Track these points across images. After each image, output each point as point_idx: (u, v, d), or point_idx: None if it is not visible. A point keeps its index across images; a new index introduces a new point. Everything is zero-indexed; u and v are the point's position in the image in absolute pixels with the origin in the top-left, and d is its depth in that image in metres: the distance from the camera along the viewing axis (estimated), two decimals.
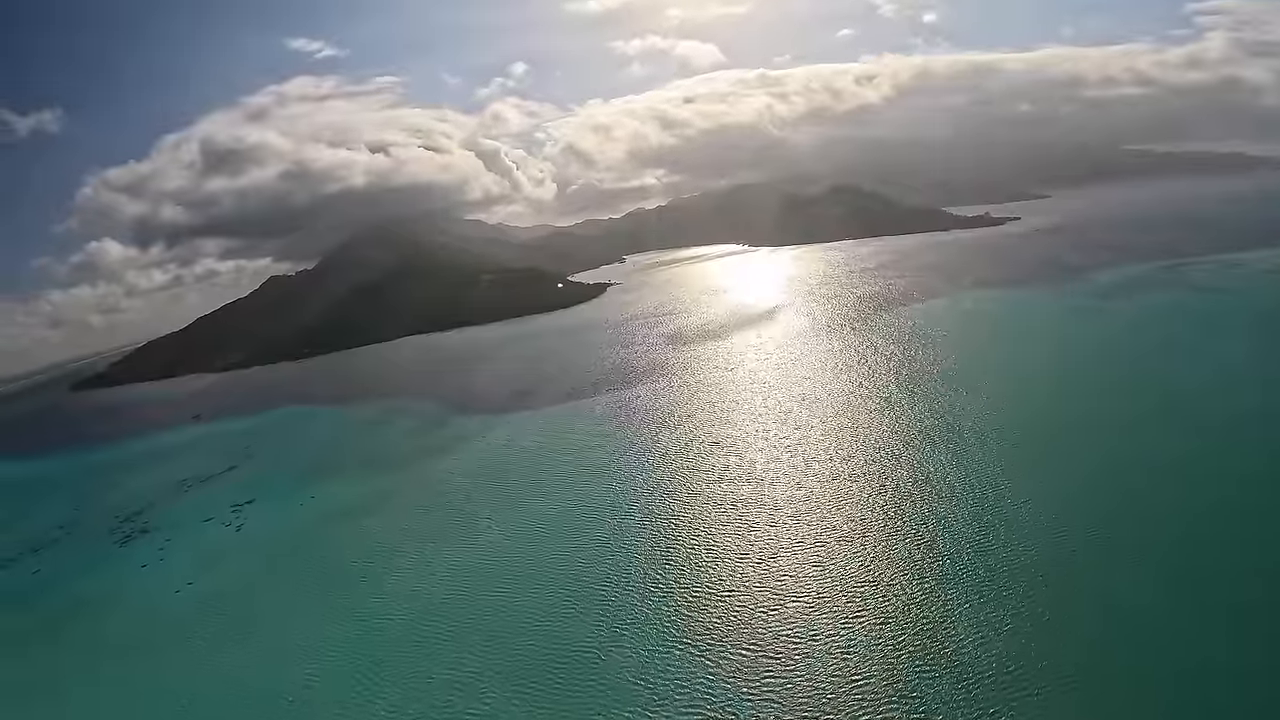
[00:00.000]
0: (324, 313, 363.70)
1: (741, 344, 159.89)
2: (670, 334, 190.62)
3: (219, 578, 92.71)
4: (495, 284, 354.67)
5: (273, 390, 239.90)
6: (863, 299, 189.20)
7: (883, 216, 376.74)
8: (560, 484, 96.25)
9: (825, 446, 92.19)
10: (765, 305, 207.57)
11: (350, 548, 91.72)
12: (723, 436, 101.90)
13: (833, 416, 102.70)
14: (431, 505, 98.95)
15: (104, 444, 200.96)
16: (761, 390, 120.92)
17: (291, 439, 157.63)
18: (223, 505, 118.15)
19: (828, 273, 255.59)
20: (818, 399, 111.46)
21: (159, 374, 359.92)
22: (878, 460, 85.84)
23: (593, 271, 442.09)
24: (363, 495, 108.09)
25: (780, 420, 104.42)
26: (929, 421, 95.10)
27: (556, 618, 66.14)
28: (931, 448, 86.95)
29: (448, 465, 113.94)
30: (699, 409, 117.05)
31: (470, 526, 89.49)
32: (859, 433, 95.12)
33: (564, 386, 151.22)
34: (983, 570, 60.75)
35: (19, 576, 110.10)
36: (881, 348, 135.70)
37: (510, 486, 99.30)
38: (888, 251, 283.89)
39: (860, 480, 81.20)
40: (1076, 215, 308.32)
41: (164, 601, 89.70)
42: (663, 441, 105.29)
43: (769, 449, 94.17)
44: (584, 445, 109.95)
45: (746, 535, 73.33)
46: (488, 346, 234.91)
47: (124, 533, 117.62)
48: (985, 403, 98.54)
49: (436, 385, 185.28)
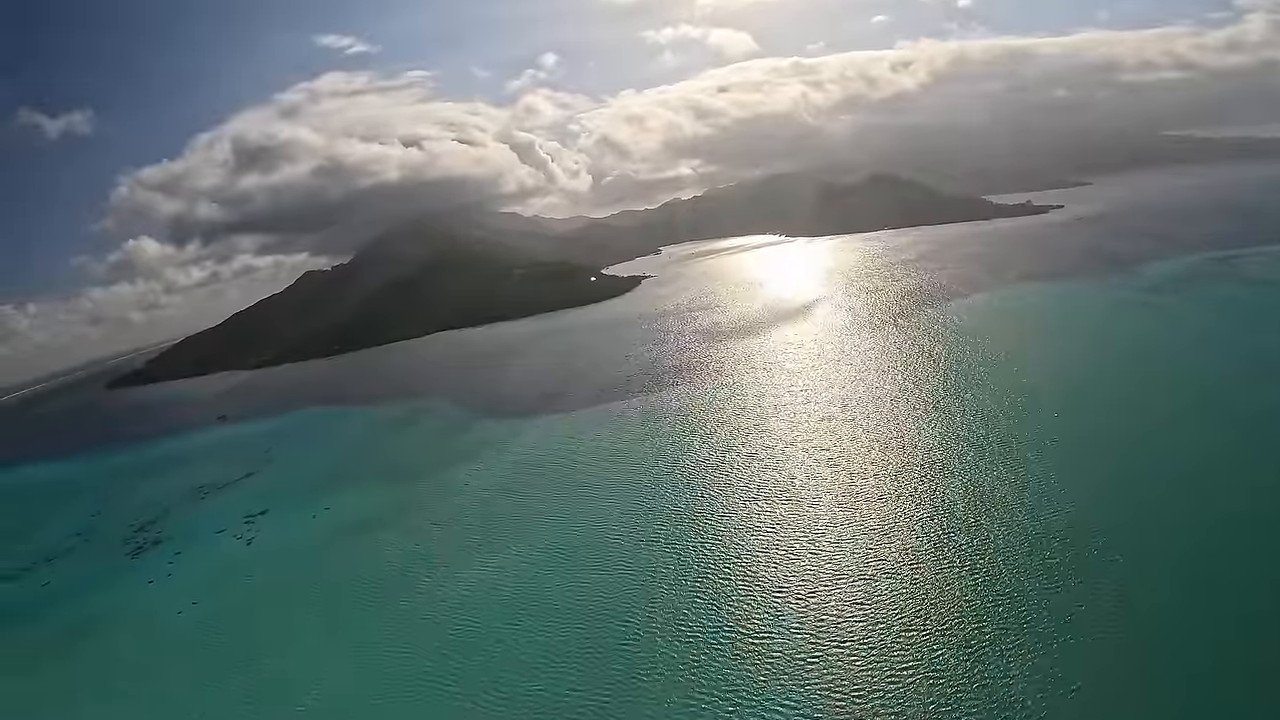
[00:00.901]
0: (356, 308, 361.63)
1: (779, 341, 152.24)
2: (705, 330, 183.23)
3: (223, 597, 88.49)
4: (527, 278, 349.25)
5: (299, 389, 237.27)
6: (904, 293, 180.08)
7: (922, 205, 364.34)
8: (583, 501, 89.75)
9: (870, 461, 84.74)
10: (803, 299, 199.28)
11: (360, 568, 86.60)
12: (759, 447, 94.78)
13: (877, 425, 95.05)
14: (448, 521, 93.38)
15: (131, 445, 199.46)
16: (801, 394, 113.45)
17: (312, 443, 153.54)
18: (236, 516, 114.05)
19: (866, 264, 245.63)
20: (860, 404, 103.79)
21: (192, 371, 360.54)
22: (927, 477, 78.25)
23: (628, 264, 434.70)
24: (378, 508, 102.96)
25: (821, 429, 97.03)
26: (981, 431, 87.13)
27: (569, 657, 60.20)
28: (985, 462, 79.27)
29: (468, 476, 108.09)
30: (734, 415, 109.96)
31: (486, 547, 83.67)
32: (906, 444, 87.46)
33: (593, 387, 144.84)
34: (1049, 612, 53.16)
35: (28, 589, 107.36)
36: (926, 346, 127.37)
37: (530, 503, 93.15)
38: (927, 241, 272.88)
39: (908, 501, 73.72)
40: (1118, 203, 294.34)
41: (165, 623, 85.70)
42: (695, 452, 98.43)
43: (809, 463, 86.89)
44: (611, 455, 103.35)
45: (784, 565, 66.36)
46: (518, 343, 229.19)
47: (137, 543, 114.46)
48: (1039, 410, 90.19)
49: (463, 385, 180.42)
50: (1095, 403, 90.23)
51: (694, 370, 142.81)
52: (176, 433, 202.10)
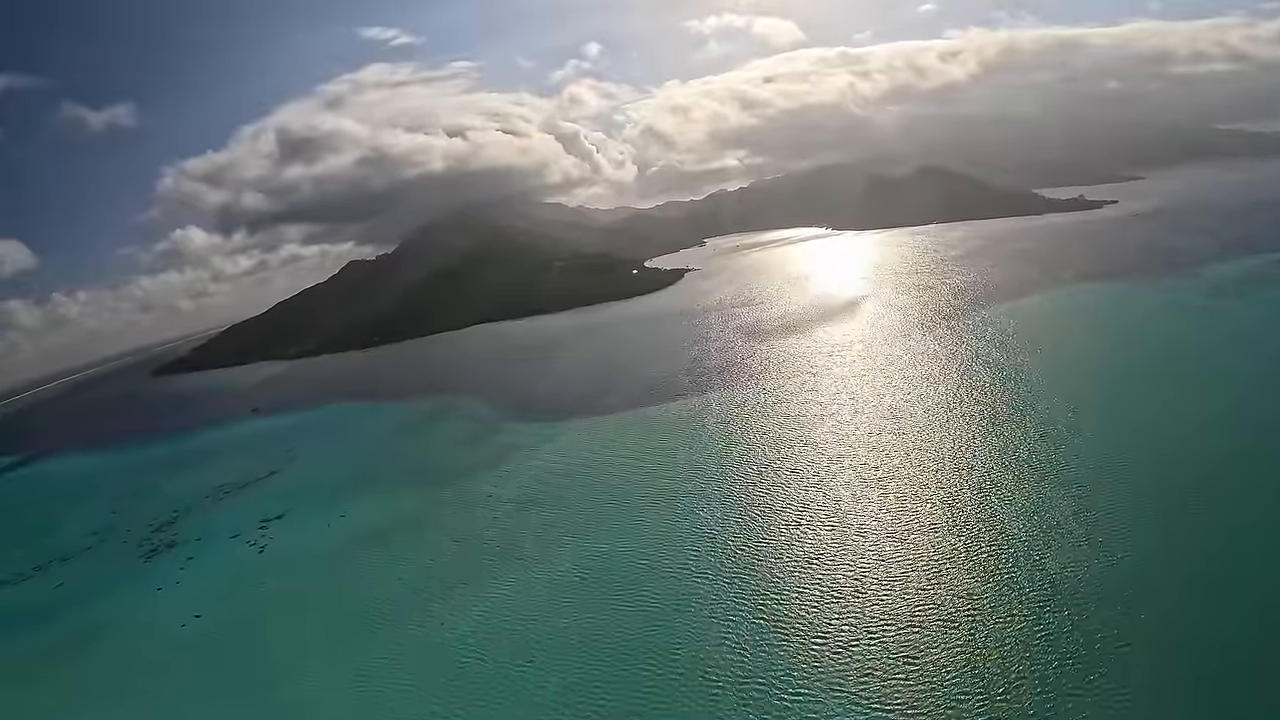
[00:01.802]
0: (397, 299, 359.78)
1: (825, 342, 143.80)
2: (748, 327, 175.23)
3: (229, 611, 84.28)
4: (568, 270, 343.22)
5: (334, 382, 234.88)
6: (956, 291, 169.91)
7: (972, 199, 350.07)
8: (610, 519, 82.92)
9: (921, 483, 76.61)
10: (850, 295, 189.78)
11: (370, 585, 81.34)
12: (802, 463, 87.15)
13: (929, 441, 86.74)
14: (467, 536, 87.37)
15: (164, 437, 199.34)
16: (848, 402, 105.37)
17: (337, 441, 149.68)
18: (252, 519, 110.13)
19: (916, 259, 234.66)
20: (911, 416, 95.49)
21: (234, 360, 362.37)
22: (984, 505, 69.94)
23: (672, 255, 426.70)
24: (395, 518, 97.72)
25: (869, 444, 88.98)
26: (1043, 452, 78.24)
27: (578, 703, 53.90)
28: (1048, 488, 70.66)
29: (493, 484, 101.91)
30: (776, 425, 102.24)
31: (503, 569, 77.46)
32: (961, 465, 79.14)
33: (629, 388, 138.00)
34: (1133, 673, 45.23)
35: (40, 591, 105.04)
36: (981, 352, 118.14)
37: (555, 518, 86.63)
38: (978, 236, 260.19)
39: (964, 534, 65.58)
40: (1173, 199, 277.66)
41: (168, 636, 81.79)
42: (733, 465, 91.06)
43: (856, 482, 79.16)
44: (643, 467, 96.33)
45: (825, 605, 59.02)
46: (556, 338, 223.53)
47: (151, 545, 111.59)
48: (1106, 428, 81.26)
49: (497, 381, 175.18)
50: (1164, 422, 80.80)
51: (735, 372, 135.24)
52: (210, 425, 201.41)
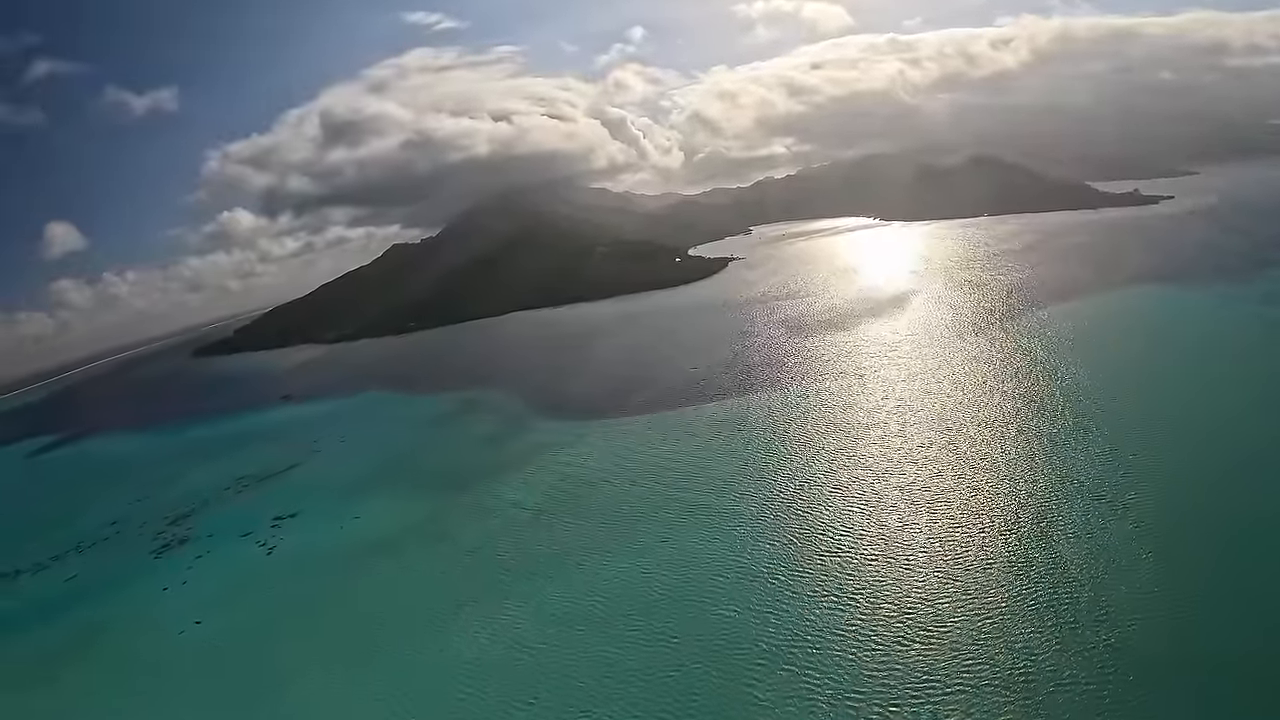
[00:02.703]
0: (437, 284, 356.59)
1: (873, 340, 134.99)
2: (792, 322, 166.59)
3: (229, 619, 79.63)
4: (610, 257, 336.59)
5: (367, 368, 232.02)
6: (1010, 289, 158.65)
7: (1025, 191, 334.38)
8: (632, 537, 75.93)
9: (975, 509, 68.24)
10: (898, 289, 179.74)
11: (374, 600, 76.24)
12: (846, 479, 79.25)
13: (984, 459, 78.01)
14: (482, 546, 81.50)
15: (197, 421, 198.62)
16: (896, 410, 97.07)
17: (361, 434, 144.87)
18: (266, 516, 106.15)
19: (967, 253, 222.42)
20: (964, 429, 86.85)
21: (274, 342, 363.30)
22: (1048, 540, 61.31)
23: (717, 243, 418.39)
24: (409, 522, 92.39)
25: (918, 458, 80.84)
26: (1108, 480, 68.86)
27: None
28: (1118, 521, 62.12)
29: (514, 489, 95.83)
30: (819, 433, 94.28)
31: (514, 588, 71.29)
32: (1019, 491, 70.42)
33: (664, 386, 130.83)
34: None
35: (52, 583, 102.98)
36: (1039, 358, 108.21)
37: (574, 531, 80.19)
38: (1032, 230, 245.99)
39: (1024, 575, 57.30)
40: (1230, 196, 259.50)
41: (165, 643, 77.81)
42: (771, 478, 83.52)
43: (904, 505, 71.26)
44: (673, 476, 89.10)
45: (865, 659, 51.67)
46: (595, 327, 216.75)
47: (164, 540, 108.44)
48: (1178, 458, 71.29)
49: (530, 373, 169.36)
50: (1237, 443, 71.73)
51: (777, 371, 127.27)
52: (243, 410, 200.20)
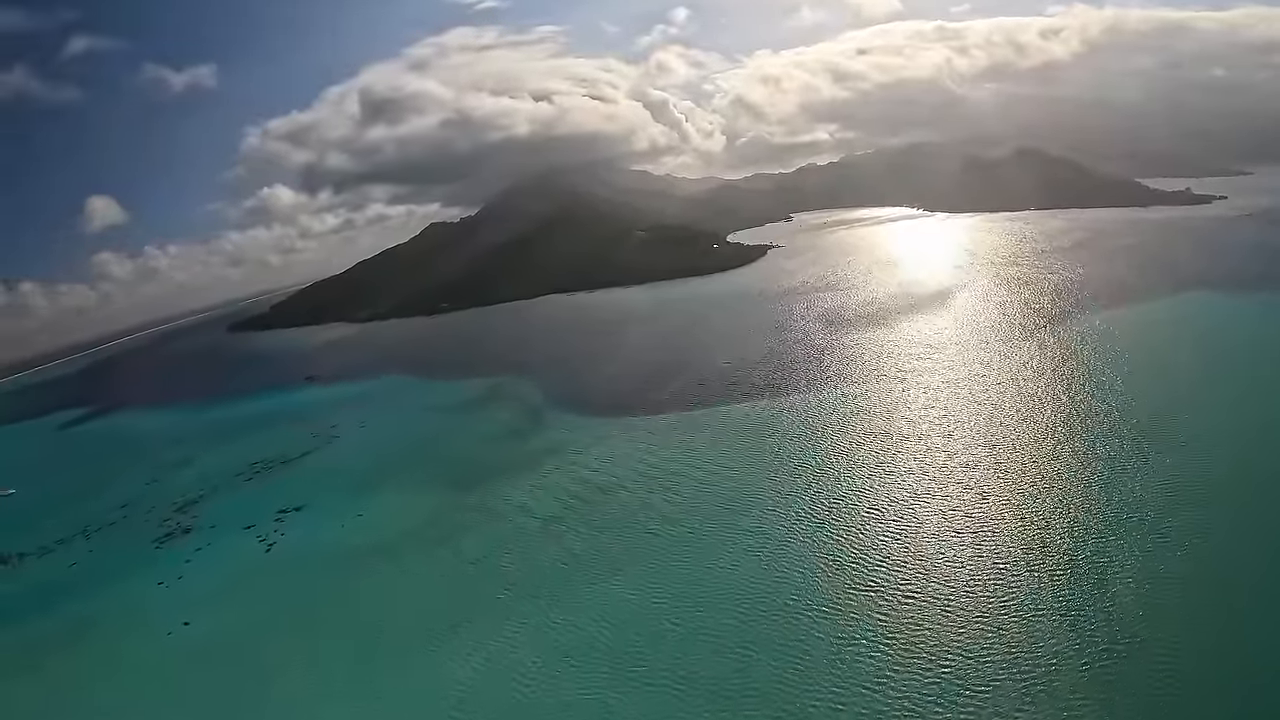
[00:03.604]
0: (472, 264, 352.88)
1: (914, 339, 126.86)
2: (831, 316, 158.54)
3: (217, 622, 75.08)
4: (647, 241, 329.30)
5: (394, 350, 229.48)
6: (1059, 289, 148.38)
7: (1073, 186, 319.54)
8: (646, 555, 69.74)
9: (1027, 544, 60.54)
10: (942, 284, 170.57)
11: (368, 608, 71.42)
12: (883, 499, 71.99)
13: (1037, 486, 69.82)
14: (487, 556, 75.89)
15: (220, 400, 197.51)
16: (938, 421, 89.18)
17: (379, 422, 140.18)
18: (271, 509, 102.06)
19: (1013, 249, 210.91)
20: (1012, 448, 78.39)
21: (308, 319, 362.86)
22: (1106, 588, 53.49)
23: (756, 230, 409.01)
24: (414, 524, 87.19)
25: (961, 480, 73.08)
26: (1174, 512, 61.19)
27: None
28: (1183, 564, 54.47)
29: (526, 493, 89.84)
30: (855, 444, 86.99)
31: (519, 605, 65.58)
32: (1072, 523, 62.53)
33: (694, 381, 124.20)
34: None
35: (54, 569, 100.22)
36: (1094, 369, 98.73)
37: (585, 544, 74.17)
38: (1081, 227, 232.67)
39: (1078, 631, 49.92)
40: None
41: (151, 643, 73.94)
42: (801, 495, 76.33)
43: (946, 534, 63.85)
44: (696, 486, 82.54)
45: (895, 710, 45.09)
46: (627, 314, 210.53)
47: (168, 529, 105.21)
48: (1242, 491, 62.87)
49: (556, 362, 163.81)
50: None
51: (814, 370, 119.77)
52: (268, 389, 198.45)
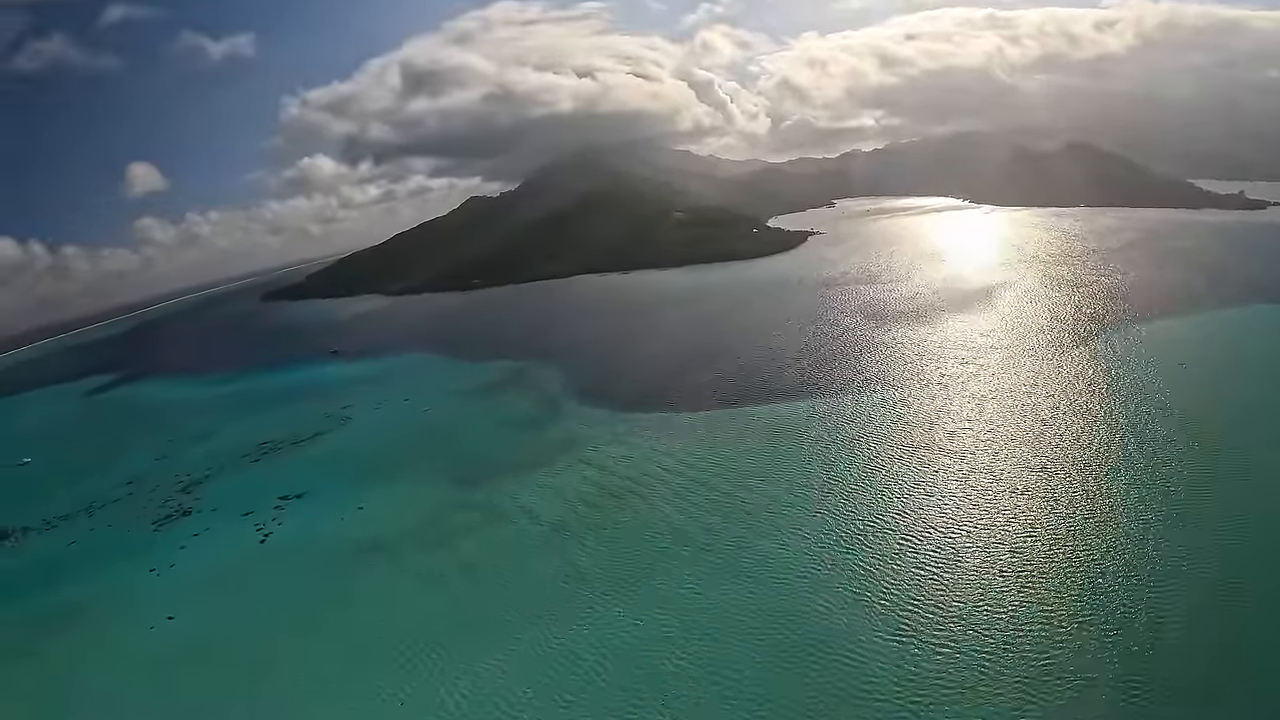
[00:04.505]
0: (508, 239, 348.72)
1: (959, 341, 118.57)
2: (872, 309, 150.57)
3: (200, 619, 71.20)
4: (686, 223, 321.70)
5: (421, 326, 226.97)
6: (1113, 294, 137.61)
7: (1125, 183, 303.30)
8: (653, 579, 63.31)
9: (1078, 591, 53.35)
10: (988, 281, 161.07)
11: (353, 617, 66.46)
12: (919, 528, 64.54)
13: (1091, 524, 61.93)
14: (484, 565, 70.32)
15: (243, 373, 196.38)
16: (985, 436, 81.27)
17: (395, 403, 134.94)
18: (272, 494, 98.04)
19: (1063, 246, 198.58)
20: (1067, 477, 69.98)
21: (341, 290, 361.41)
22: (1164, 649, 46.79)
23: (798, 215, 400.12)
24: (413, 522, 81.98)
25: (1009, 508, 65.50)
26: (1242, 564, 53.64)
27: None
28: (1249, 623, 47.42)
29: (535, 493, 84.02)
30: (893, 458, 79.55)
31: (513, 627, 59.77)
32: (1129, 568, 55.13)
33: (723, 374, 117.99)
34: None
35: (54, 546, 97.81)
36: (1153, 387, 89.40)
37: (589, 562, 67.88)
38: (1133, 228, 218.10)
39: (1136, 688, 43.50)
40: None
41: (133, 636, 70.67)
42: (831, 517, 68.97)
43: (988, 574, 56.52)
44: (715, 502, 75.43)
45: None
46: (660, 299, 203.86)
47: (169, 510, 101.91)
48: None
49: (582, 347, 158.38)
50: None
51: (851, 369, 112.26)
52: (291, 362, 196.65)
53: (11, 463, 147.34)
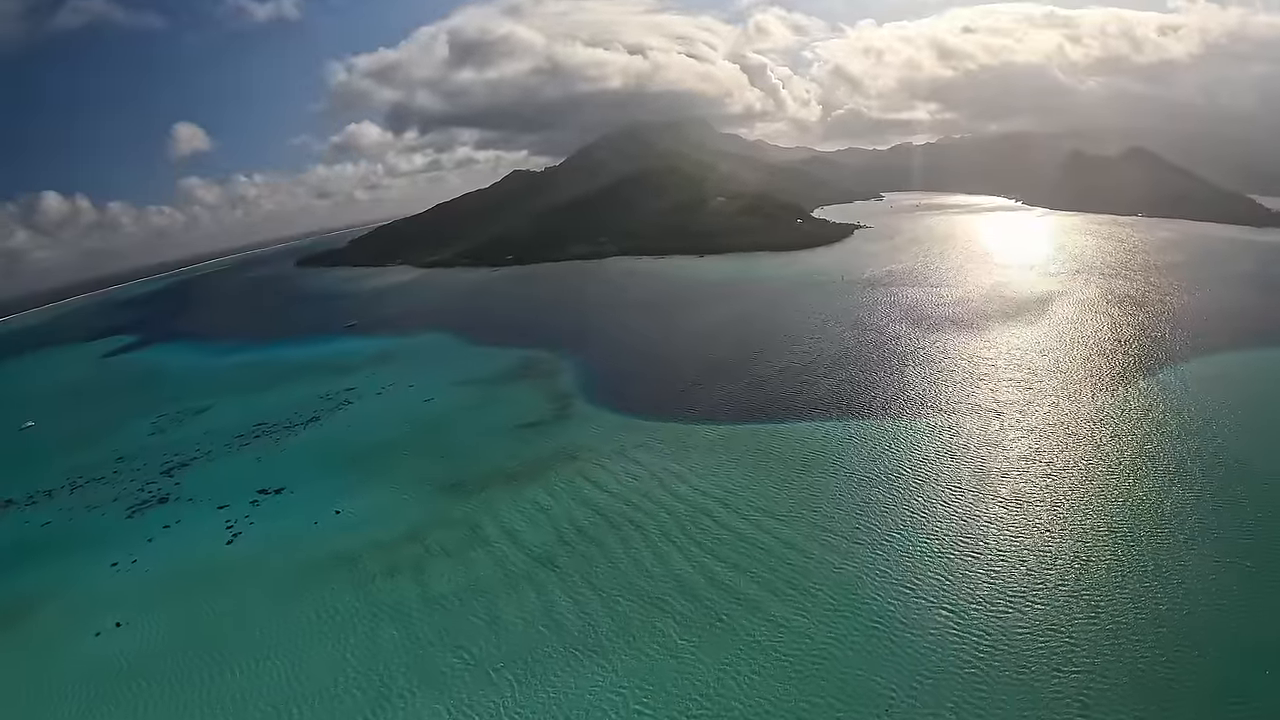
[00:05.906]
0: (547, 216, 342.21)
1: (1014, 360, 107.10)
2: (918, 314, 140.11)
3: (143, 631, 65.26)
4: (727, 210, 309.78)
5: (444, 303, 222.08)
6: (1177, 317, 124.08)
7: (1185, 195, 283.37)
8: (646, 638, 54.23)
9: (1146, 667, 44.22)
10: (1044, 290, 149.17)
11: (300, 644, 58.99)
12: (964, 596, 54.54)
13: (1165, 591, 52.63)
14: (453, 598, 61.94)
15: (258, 343, 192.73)
16: (1040, 481, 70.54)
17: (400, 390, 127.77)
18: (251, 487, 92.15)
19: (1122, 258, 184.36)
20: (1135, 539, 59.71)
21: (375, 260, 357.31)
22: None
23: (844, 206, 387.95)
24: (386, 537, 74.11)
25: (1069, 581, 54.82)
26: None
27: None
28: None
29: (523, 512, 75.38)
30: (936, 501, 69.27)
31: (468, 690, 51.17)
32: (1199, 631, 45.87)
33: (751, 381, 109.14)
34: None
35: (28, 525, 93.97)
36: (1225, 441, 76.52)
37: (573, 605, 59.28)
38: (1192, 243, 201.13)
39: None
40: None
41: (77, 641, 65.23)
42: (860, 574, 59.21)
43: (1044, 651, 47.45)
44: (727, 545, 65.73)
45: None
46: (691, 290, 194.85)
47: (147, 495, 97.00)
48: None
49: (602, 339, 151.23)
50: None
51: (893, 386, 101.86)
52: (306, 336, 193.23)
53: (15, 426, 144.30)
